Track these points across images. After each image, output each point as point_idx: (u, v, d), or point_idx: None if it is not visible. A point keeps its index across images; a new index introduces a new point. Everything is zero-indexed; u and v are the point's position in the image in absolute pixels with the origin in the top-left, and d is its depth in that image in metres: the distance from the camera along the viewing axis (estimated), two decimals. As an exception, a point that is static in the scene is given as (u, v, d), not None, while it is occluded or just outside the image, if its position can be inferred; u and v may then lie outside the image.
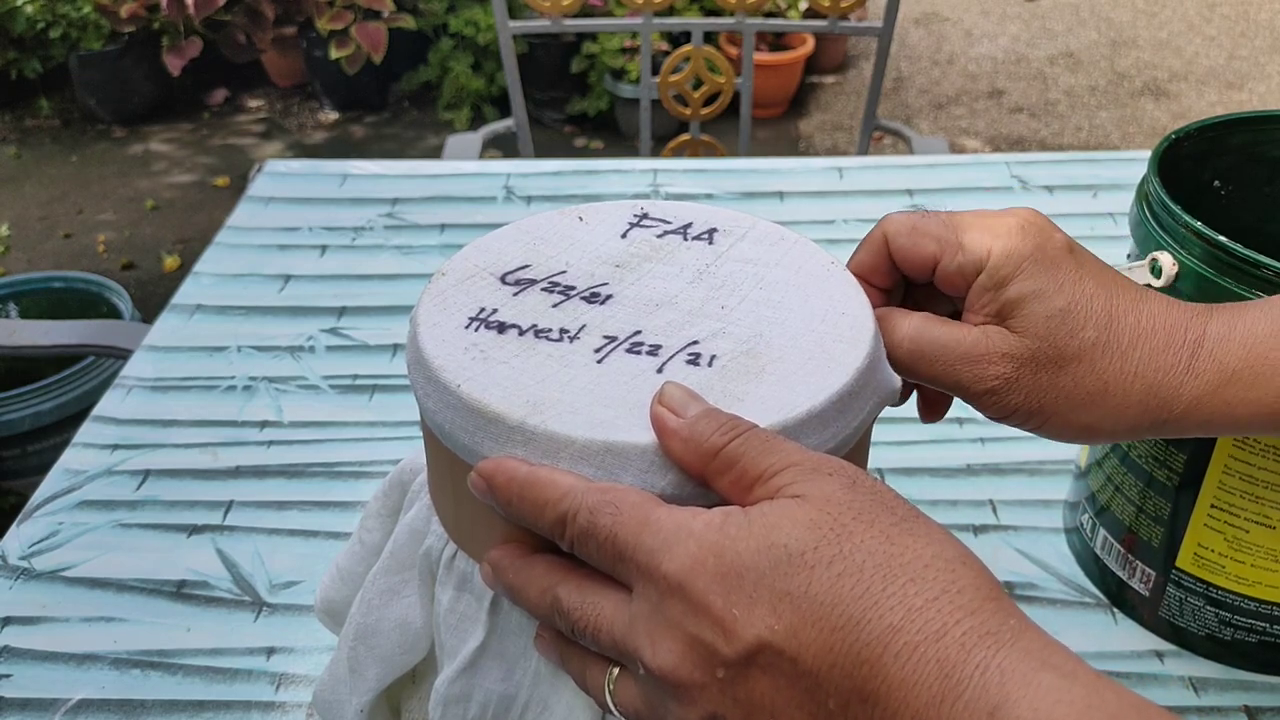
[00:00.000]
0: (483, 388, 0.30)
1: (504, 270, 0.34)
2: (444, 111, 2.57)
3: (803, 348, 0.31)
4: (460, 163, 0.90)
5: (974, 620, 0.23)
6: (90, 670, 0.47)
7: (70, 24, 2.46)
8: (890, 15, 1.15)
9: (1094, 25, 3.03)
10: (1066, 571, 0.52)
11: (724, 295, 0.33)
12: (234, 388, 0.64)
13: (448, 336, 0.32)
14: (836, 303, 0.33)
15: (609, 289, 0.34)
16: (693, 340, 0.32)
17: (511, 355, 0.31)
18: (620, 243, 0.36)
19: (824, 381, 0.30)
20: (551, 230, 0.36)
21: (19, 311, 1.59)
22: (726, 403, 0.29)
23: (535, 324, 0.32)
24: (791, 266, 0.35)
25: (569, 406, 0.29)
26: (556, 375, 0.30)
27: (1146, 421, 0.32)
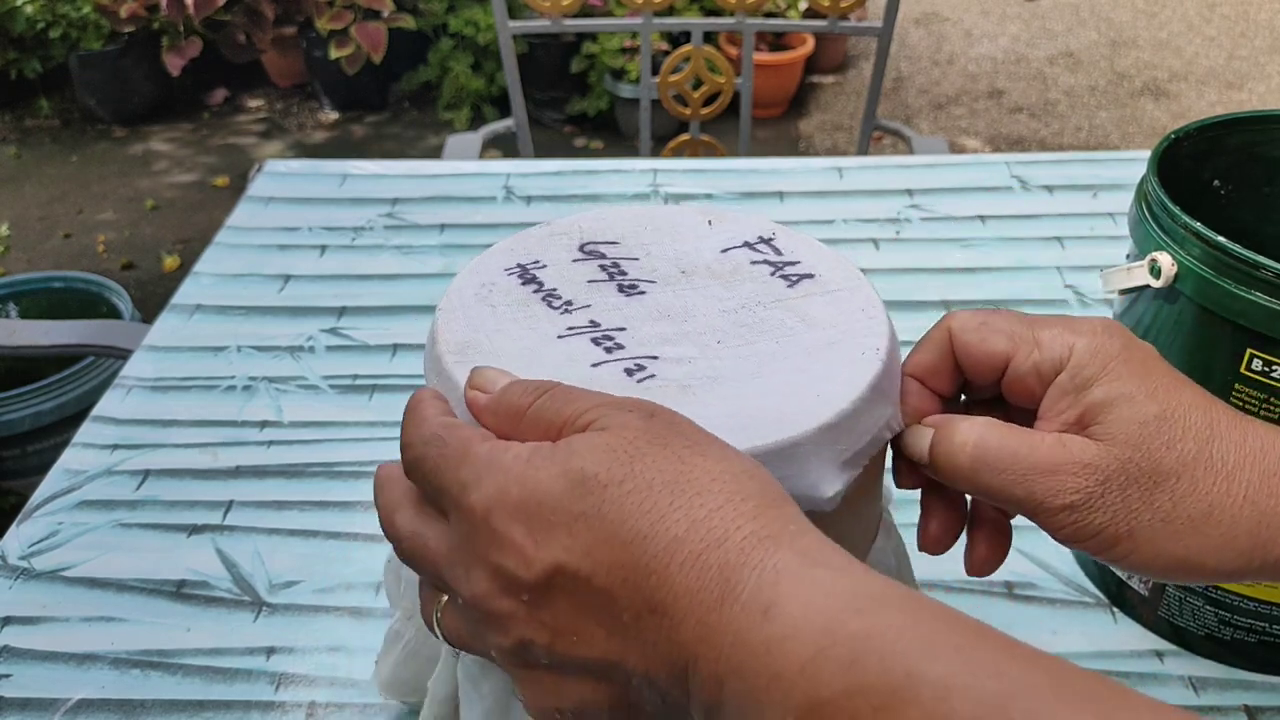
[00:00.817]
0: (450, 318, 0.32)
1: (592, 239, 0.36)
2: (444, 111, 2.57)
3: (738, 407, 0.29)
4: (460, 163, 0.90)
5: (754, 524, 0.23)
6: (90, 670, 0.47)
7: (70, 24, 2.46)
8: (890, 15, 1.15)
9: (1094, 25, 3.03)
10: (1066, 571, 0.52)
11: (734, 334, 0.32)
12: (234, 388, 0.65)
13: (485, 271, 0.34)
14: (823, 386, 0.30)
15: (650, 287, 0.34)
16: (653, 356, 0.31)
17: (505, 303, 0.33)
18: (714, 255, 0.36)
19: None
20: (671, 222, 0.38)
21: (19, 311, 1.59)
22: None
23: (555, 289, 0.34)
24: (829, 339, 0.32)
25: (487, 358, 0.31)
26: (514, 333, 0.32)
27: (1258, 557, 0.28)
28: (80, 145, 2.53)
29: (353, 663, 0.48)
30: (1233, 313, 0.41)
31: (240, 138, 2.56)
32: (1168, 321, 0.44)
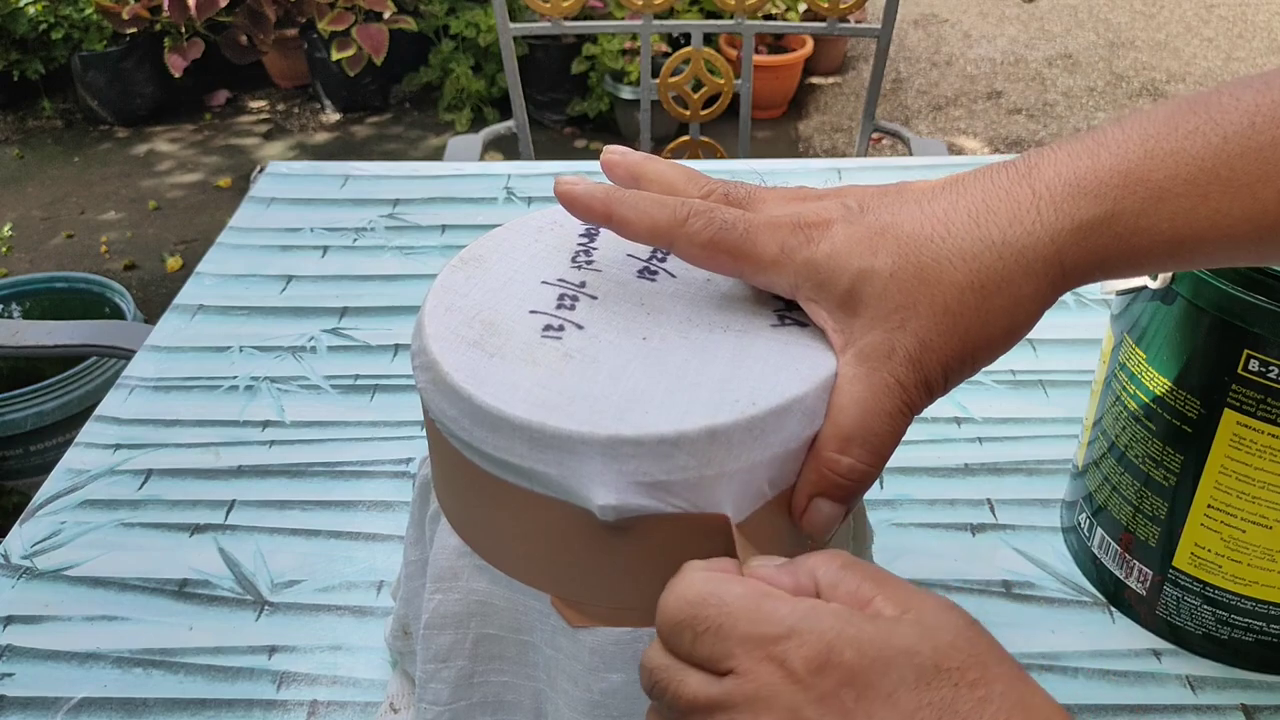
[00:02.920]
0: (498, 236, 0.36)
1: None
2: (445, 113, 2.58)
3: (582, 390, 0.30)
4: (461, 164, 0.90)
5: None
6: (92, 669, 0.48)
7: (73, 25, 2.47)
8: (889, 17, 1.15)
9: (1092, 27, 3.03)
10: (1064, 571, 0.52)
11: (666, 343, 0.32)
12: (236, 388, 0.65)
13: (564, 215, 0.35)
14: (669, 412, 0.29)
15: (666, 279, 0.35)
16: (580, 325, 0.33)
17: (544, 244, 0.36)
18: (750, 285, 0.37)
19: (522, 405, 0.29)
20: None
21: (22, 312, 1.60)
22: (485, 351, 0.32)
23: (593, 250, 0.36)
24: (727, 378, 0.31)
25: (472, 272, 0.35)
26: (516, 263, 0.35)
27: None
28: (83, 146, 2.53)
29: (354, 662, 0.48)
30: (1230, 314, 0.41)
31: (242, 139, 2.57)
32: (1165, 322, 0.44)
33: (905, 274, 0.29)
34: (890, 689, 0.24)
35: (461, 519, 0.34)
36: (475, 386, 0.30)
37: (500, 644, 0.34)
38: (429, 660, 0.35)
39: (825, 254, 0.30)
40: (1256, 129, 0.29)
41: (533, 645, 0.34)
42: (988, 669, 0.24)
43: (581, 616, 0.32)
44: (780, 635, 0.25)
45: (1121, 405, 0.47)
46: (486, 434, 0.30)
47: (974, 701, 0.23)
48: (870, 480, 0.30)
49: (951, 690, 0.23)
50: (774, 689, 0.24)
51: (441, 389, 0.31)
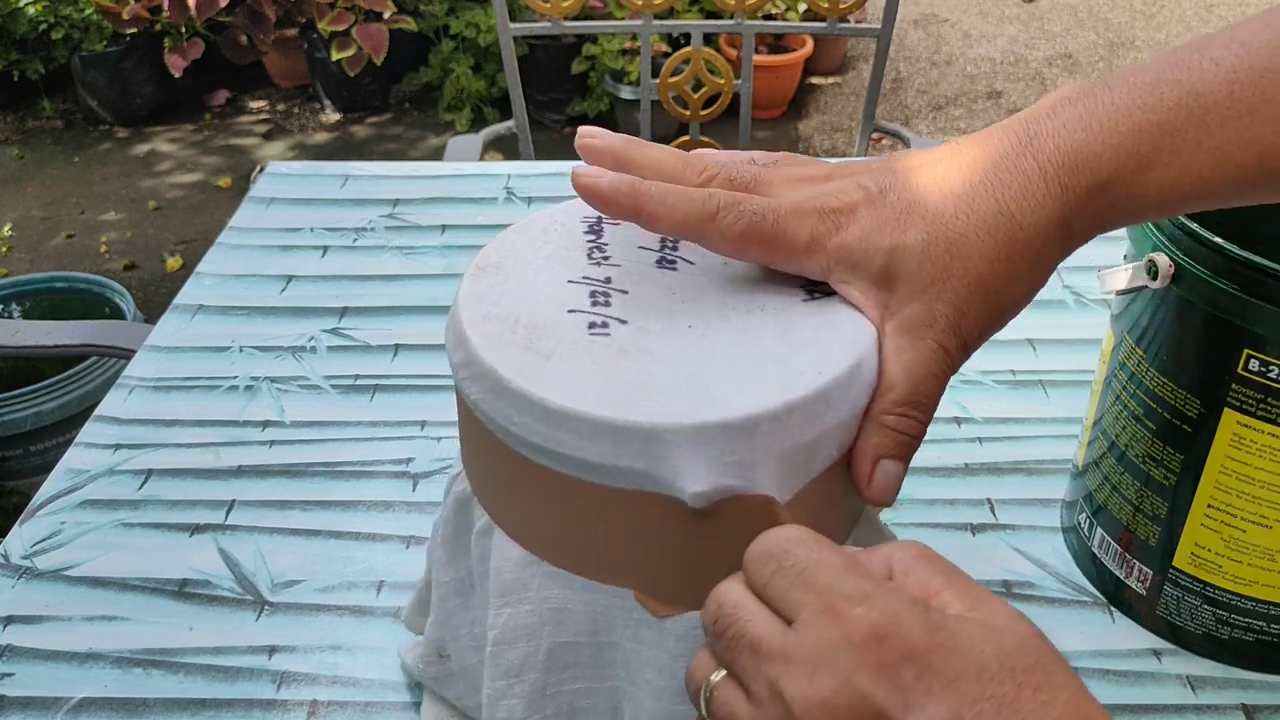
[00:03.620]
0: (503, 241, 0.36)
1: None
2: (445, 113, 2.58)
3: (646, 382, 0.30)
4: (461, 164, 0.90)
5: None
6: (92, 669, 0.48)
7: (72, 25, 2.47)
8: (889, 16, 1.15)
9: (1092, 27, 3.03)
10: (1064, 570, 0.52)
11: (717, 326, 0.33)
12: (236, 388, 0.65)
13: (569, 214, 0.37)
14: (739, 395, 0.30)
15: (686, 267, 0.35)
16: (623, 319, 0.33)
17: (554, 242, 0.36)
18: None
19: (593, 401, 0.30)
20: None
21: (22, 312, 1.60)
22: (539, 353, 0.31)
23: (606, 245, 0.36)
24: (784, 354, 0.32)
25: (494, 280, 0.34)
26: (534, 266, 0.35)
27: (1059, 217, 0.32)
28: (83, 146, 2.53)
29: (354, 661, 0.48)
30: (1230, 313, 0.41)
31: (242, 139, 2.57)
32: (1165, 322, 0.44)
33: (936, 249, 0.32)
34: (953, 675, 0.23)
35: (526, 528, 0.33)
36: (545, 389, 0.30)
37: (575, 651, 0.34)
38: (498, 678, 0.34)
39: (856, 237, 0.32)
40: (1234, 98, 0.31)
41: (611, 644, 0.34)
42: (1053, 676, 0.24)
43: (667, 606, 0.32)
44: (855, 597, 0.25)
45: (1121, 405, 0.47)
46: (564, 435, 0.30)
47: (1037, 704, 0.23)
48: (922, 439, 0.33)
49: (1015, 689, 0.23)
50: (833, 649, 0.24)
51: (504, 396, 0.31)
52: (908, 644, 0.24)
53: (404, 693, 0.46)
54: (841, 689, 0.24)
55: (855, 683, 0.24)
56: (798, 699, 0.24)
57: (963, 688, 0.23)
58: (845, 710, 0.24)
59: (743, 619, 0.26)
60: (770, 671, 0.25)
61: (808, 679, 0.24)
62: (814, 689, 0.24)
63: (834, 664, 0.24)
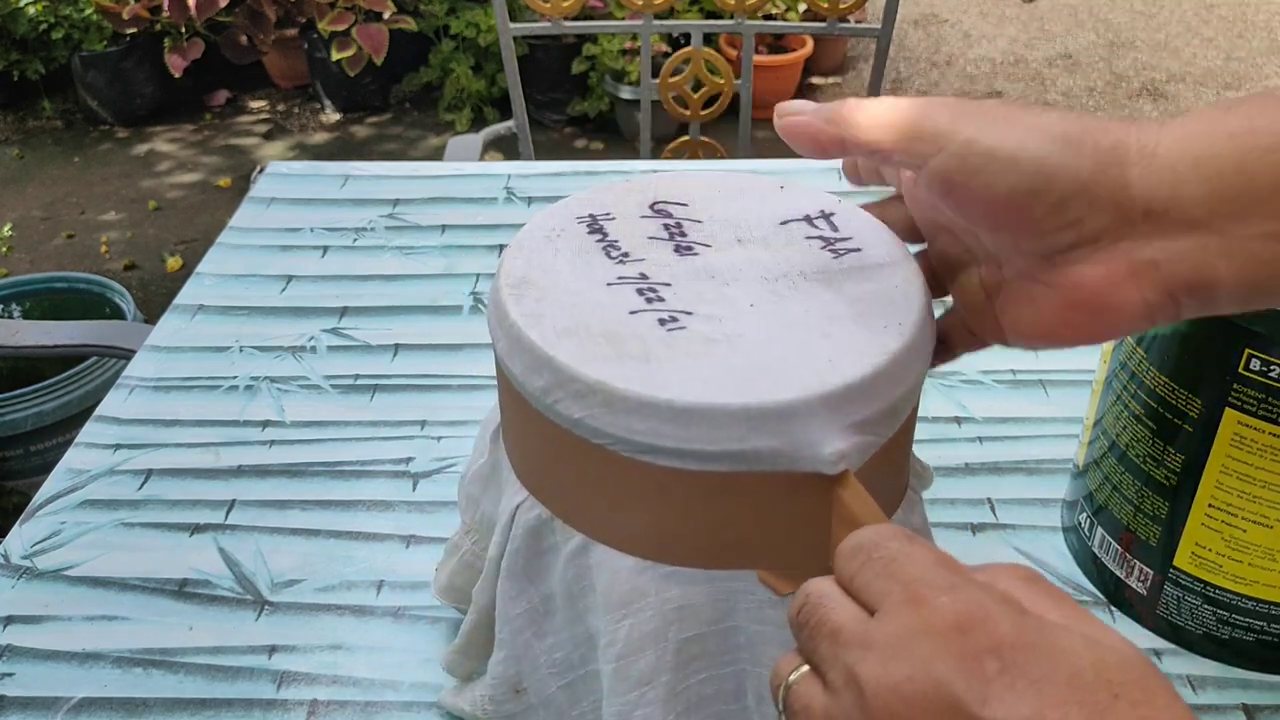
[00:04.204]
0: (516, 256, 0.35)
1: (664, 199, 0.38)
2: (445, 113, 2.58)
3: (751, 363, 0.31)
4: (461, 164, 0.90)
5: None
6: (92, 669, 0.48)
7: (73, 25, 2.47)
8: (889, 17, 1.15)
9: (1092, 27, 3.03)
10: (1065, 570, 0.52)
11: (768, 299, 0.34)
12: (236, 388, 0.65)
13: (558, 217, 0.37)
14: (839, 356, 0.31)
15: (705, 250, 0.36)
16: (688, 311, 0.33)
17: (568, 248, 0.36)
18: (772, 226, 0.37)
19: (716, 391, 0.30)
20: (740, 188, 0.39)
21: (22, 312, 1.60)
22: (633, 357, 0.31)
23: (617, 240, 0.36)
24: (858, 311, 0.33)
25: (542, 292, 0.33)
26: (568, 274, 0.34)
27: (1108, 150, 0.27)
28: (83, 146, 2.53)
29: (354, 661, 0.48)
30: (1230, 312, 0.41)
31: (242, 139, 2.57)
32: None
33: None
34: (1039, 675, 0.22)
35: (639, 536, 0.33)
36: (670, 391, 0.30)
37: (701, 642, 0.34)
38: (630, 690, 0.34)
39: None
40: None
41: (735, 628, 0.34)
42: (1155, 696, 0.22)
43: (789, 582, 0.32)
44: (941, 586, 0.24)
45: (1122, 405, 0.47)
46: (697, 430, 0.30)
47: (1135, 718, 0.21)
48: None
49: (1109, 699, 0.21)
50: (913, 636, 0.23)
51: (621, 407, 0.30)
52: (993, 637, 0.22)
53: (404, 693, 0.46)
54: (917, 675, 0.23)
55: (932, 669, 0.22)
56: (870, 683, 0.23)
57: (1049, 689, 0.22)
58: (920, 698, 0.22)
59: (826, 606, 0.26)
60: (847, 658, 0.24)
61: (883, 664, 0.23)
62: (888, 674, 0.23)
63: (912, 650, 0.23)
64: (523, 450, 0.35)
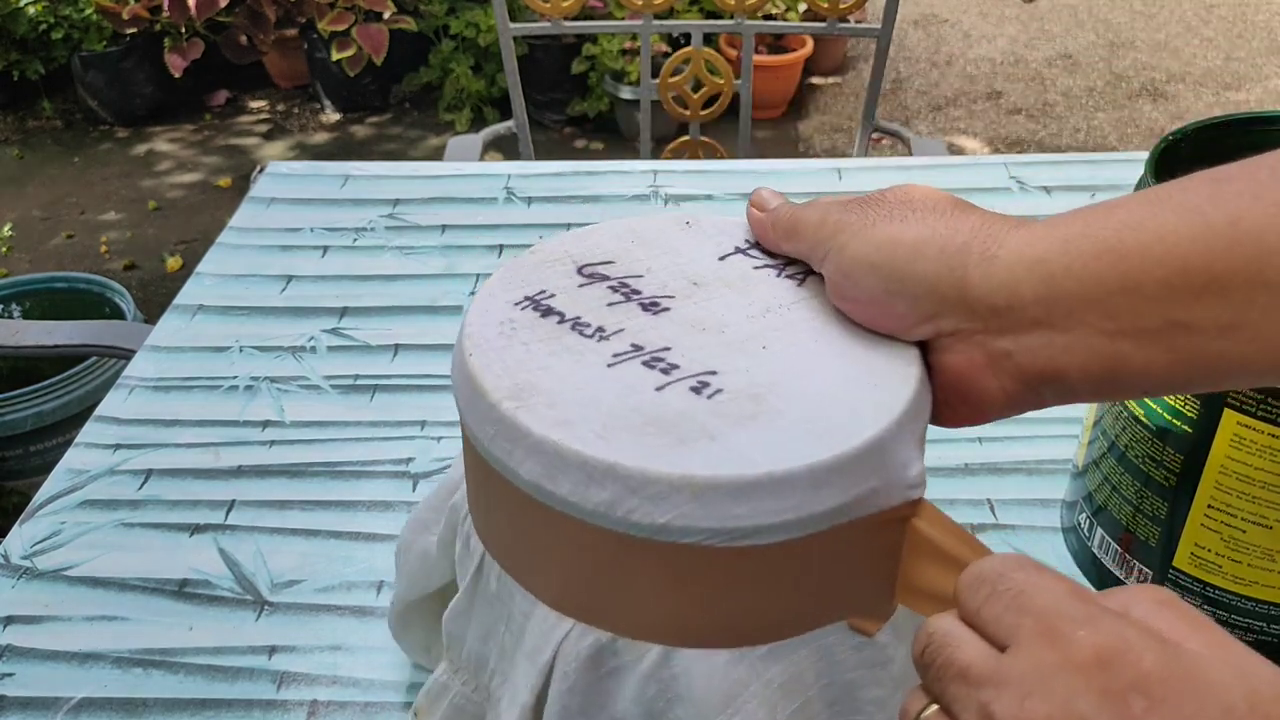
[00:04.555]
0: (486, 362, 0.31)
1: (587, 261, 0.35)
2: (445, 113, 2.58)
3: (813, 411, 0.29)
4: (461, 164, 0.90)
5: None
6: (92, 669, 0.48)
7: (72, 25, 2.47)
8: (889, 17, 1.15)
9: (1092, 27, 3.03)
10: (1064, 571, 0.52)
11: (774, 338, 0.32)
12: (236, 388, 0.65)
13: (495, 309, 0.33)
14: (878, 374, 0.31)
15: (671, 303, 0.33)
16: (711, 370, 0.31)
17: (536, 339, 0.32)
18: (714, 264, 0.36)
19: (804, 449, 0.28)
20: (655, 233, 0.37)
21: (22, 312, 1.60)
22: (695, 437, 0.28)
23: (579, 316, 0.33)
24: (863, 336, 0.32)
25: (548, 400, 0.29)
26: (561, 369, 0.31)
27: (957, 252, 0.29)
28: (83, 146, 2.53)
29: (354, 661, 0.48)
30: (1229, 313, 0.41)
31: (242, 139, 2.57)
32: (1165, 322, 0.44)
33: None
34: (1190, 712, 0.21)
35: (732, 624, 0.30)
36: (762, 464, 0.27)
37: (807, 709, 0.32)
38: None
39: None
40: None
41: (831, 684, 0.32)
42: None
43: (875, 623, 0.31)
44: (1078, 619, 0.23)
45: (1122, 405, 0.47)
46: (795, 498, 0.27)
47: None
48: None
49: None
50: (1051, 672, 0.22)
51: (718, 495, 0.27)
52: (1138, 671, 0.21)
53: (404, 693, 0.46)
54: (1057, 713, 0.22)
55: (1074, 707, 0.21)
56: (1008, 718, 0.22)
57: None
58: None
59: (952, 645, 0.25)
60: (981, 697, 0.23)
61: (1019, 702, 0.22)
62: (1026, 712, 0.22)
63: (1051, 688, 0.22)
64: (564, 577, 0.31)
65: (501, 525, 0.32)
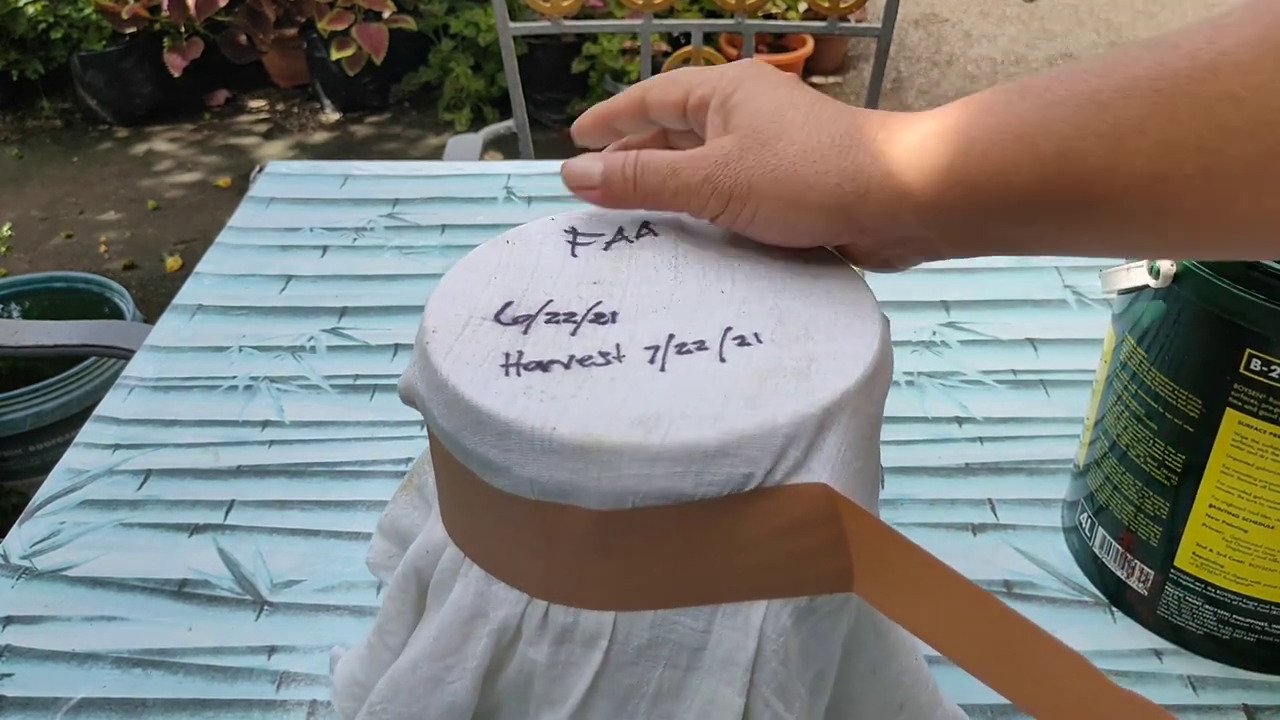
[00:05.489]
0: (581, 423, 0.28)
1: (492, 312, 0.33)
2: (445, 112, 2.58)
3: (822, 309, 0.32)
4: (461, 163, 0.90)
5: None
6: (92, 669, 0.47)
7: (72, 25, 2.47)
8: (889, 16, 1.15)
9: (1093, 26, 3.03)
10: (1065, 570, 0.52)
11: (714, 282, 0.34)
12: (235, 388, 0.65)
13: (498, 388, 0.29)
14: (814, 265, 0.34)
15: (608, 305, 0.33)
16: (726, 326, 0.32)
17: (576, 387, 0.29)
18: (578, 262, 0.35)
19: (864, 329, 0.31)
20: (502, 263, 0.35)
21: (21, 312, 1.60)
22: (803, 365, 0.30)
23: (572, 354, 0.31)
24: (747, 241, 0.35)
25: (678, 414, 0.28)
26: (637, 392, 0.29)
27: (847, 194, 0.32)
28: (82, 146, 2.53)
29: (354, 662, 0.48)
30: (1232, 313, 0.41)
31: (242, 138, 2.57)
32: (1167, 321, 0.44)
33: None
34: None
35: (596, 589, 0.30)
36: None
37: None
38: None
39: None
40: None
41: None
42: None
43: None
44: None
45: (1123, 405, 0.47)
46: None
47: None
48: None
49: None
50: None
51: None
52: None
53: (404, 693, 0.46)
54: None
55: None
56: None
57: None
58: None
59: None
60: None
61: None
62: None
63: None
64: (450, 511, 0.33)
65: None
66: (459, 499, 0.32)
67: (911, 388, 0.64)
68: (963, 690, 0.39)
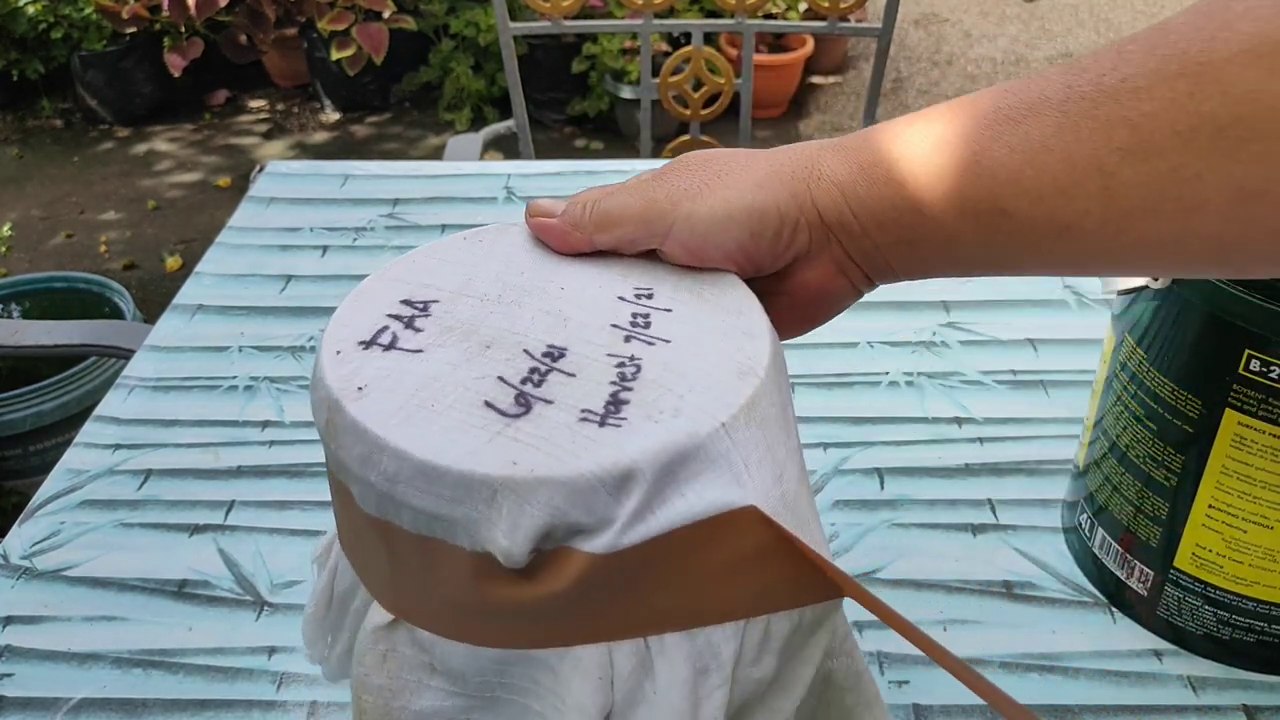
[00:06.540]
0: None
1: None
2: (445, 112, 2.58)
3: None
4: (461, 163, 0.90)
5: None
6: (92, 669, 0.48)
7: (72, 25, 2.47)
8: (889, 16, 1.15)
9: (1093, 26, 3.03)
10: (1065, 571, 0.52)
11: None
12: (235, 388, 0.65)
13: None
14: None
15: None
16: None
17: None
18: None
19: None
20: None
21: (21, 312, 1.60)
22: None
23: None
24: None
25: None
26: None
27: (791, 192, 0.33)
28: (82, 146, 2.53)
29: (354, 662, 0.48)
30: (1231, 314, 0.41)
31: (242, 138, 2.57)
32: (1166, 322, 0.44)
33: None
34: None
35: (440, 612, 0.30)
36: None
37: None
38: None
39: None
40: None
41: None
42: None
43: None
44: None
45: (1123, 405, 0.47)
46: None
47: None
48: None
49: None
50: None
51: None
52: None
53: (404, 693, 0.46)
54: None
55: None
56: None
57: None
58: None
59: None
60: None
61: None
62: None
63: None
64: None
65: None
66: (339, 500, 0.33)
67: (911, 388, 0.64)
68: (962, 690, 0.39)
